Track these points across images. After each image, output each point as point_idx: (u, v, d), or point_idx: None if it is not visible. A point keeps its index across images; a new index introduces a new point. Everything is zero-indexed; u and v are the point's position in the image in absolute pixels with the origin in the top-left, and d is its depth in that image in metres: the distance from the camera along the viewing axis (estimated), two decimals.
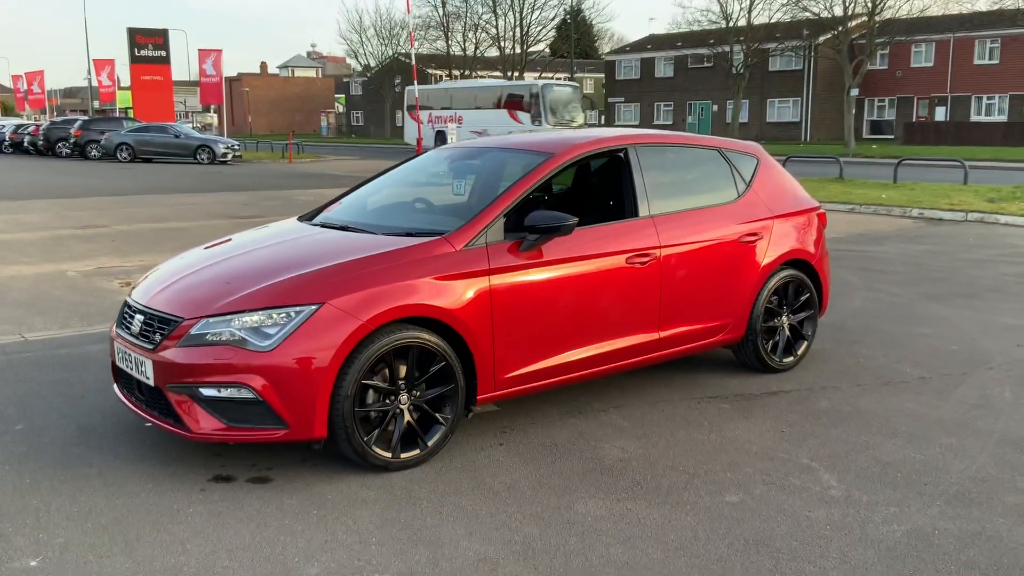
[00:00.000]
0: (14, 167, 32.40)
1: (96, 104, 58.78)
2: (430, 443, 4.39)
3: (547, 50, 71.25)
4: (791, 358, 6.04)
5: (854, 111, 41.21)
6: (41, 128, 40.43)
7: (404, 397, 4.31)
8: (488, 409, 5.15)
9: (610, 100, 66.11)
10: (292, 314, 4.06)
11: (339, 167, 33.24)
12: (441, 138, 41.79)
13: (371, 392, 4.22)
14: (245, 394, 4.00)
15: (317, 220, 5.41)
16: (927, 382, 5.84)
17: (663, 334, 5.29)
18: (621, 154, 5.39)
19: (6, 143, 42.93)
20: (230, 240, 5.35)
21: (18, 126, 43.50)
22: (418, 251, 4.46)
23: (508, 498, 4.04)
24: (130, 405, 4.51)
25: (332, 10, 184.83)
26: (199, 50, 43.19)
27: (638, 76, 63.52)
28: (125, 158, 34.67)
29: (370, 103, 77.20)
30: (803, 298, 6.08)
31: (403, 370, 4.30)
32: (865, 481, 4.24)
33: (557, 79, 53.13)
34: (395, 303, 4.19)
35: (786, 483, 4.22)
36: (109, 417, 5.07)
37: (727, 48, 49.13)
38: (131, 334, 4.45)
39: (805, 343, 6.14)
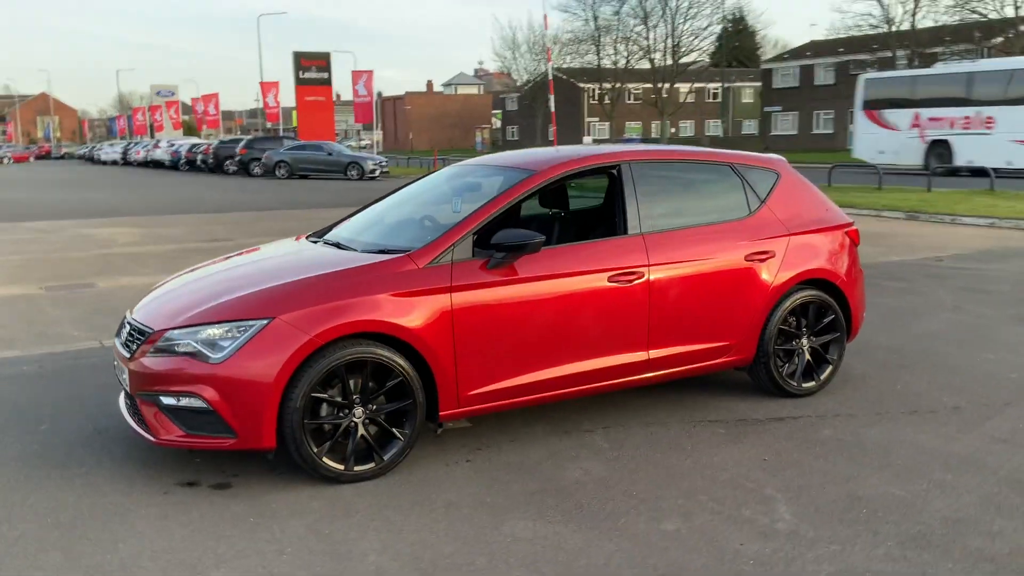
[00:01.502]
0: (181, 183, 34.98)
1: (269, 124, 62.38)
2: (386, 457, 4.48)
3: (706, 59, 70.07)
4: (812, 383, 5.74)
5: None
6: (212, 147, 43.39)
7: (359, 411, 4.42)
8: (461, 425, 5.19)
9: (766, 109, 64.27)
10: (244, 328, 4.25)
11: None
12: (940, 153, 28.66)
13: (325, 405, 4.36)
14: (198, 403, 4.23)
15: (320, 237, 5.61)
16: (958, 412, 5.42)
17: (653, 354, 5.16)
18: (614, 171, 5.31)
19: (182, 161, 46.40)
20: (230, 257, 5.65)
21: (193, 145, 46.90)
22: (379, 268, 4.56)
23: (443, 516, 4.07)
24: (123, 410, 4.83)
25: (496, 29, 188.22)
26: (352, 72, 45.32)
27: (797, 84, 61.42)
28: (283, 175, 36.67)
29: (524, 118, 78.32)
30: (827, 320, 5.77)
31: (358, 384, 4.41)
32: (823, 516, 4.00)
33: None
34: (346, 319, 4.31)
35: (735, 514, 4.04)
36: (124, 421, 5.43)
37: (890, 53, 46.79)
38: (121, 344, 4.78)
39: (829, 367, 5.81)
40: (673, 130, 76.66)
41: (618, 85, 63.89)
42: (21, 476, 4.59)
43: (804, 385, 5.71)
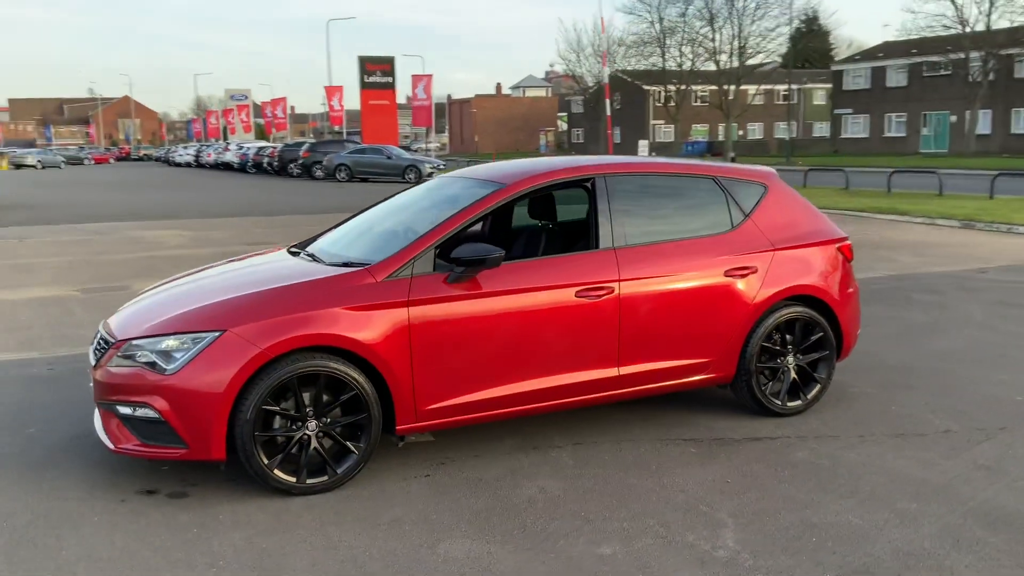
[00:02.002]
0: (244, 185, 35.72)
1: (335, 128, 63.33)
2: (339, 471, 4.49)
3: (777, 59, 68.91)
4: (798, 402, 5.58)
5: None
6: (277, 150, 44.26)
7: (312, 424, 4.43)
8: (424, 439, 5.17)
9: (837, 111, 62.96)
10: (197, 340, 4.31)
11: None
12: None
13: (277, 417, 4.39)
14: (150, 413, 4.30)
15: (302, 248, 5.64)
16: (948, 436, 5.21)
17: (624, 371, 5.07)
18: (588, 184, 5.24)
19: (250, 164, 47.43)
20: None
21: (260, 148, 47.90)
22: (336, 281, 4.58)
23: (383, 533, 4.05)
24: (96, 417, 4.93)
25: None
26: (412, 76, 45.86)
27: (868, 86, 60.05)
28: (343, 178, 37.19)
29: (589, 121, 78.02)
30: (814, 338, 5.60)
31: (312, 398, 4.43)
32: (769, 544, 3.88)
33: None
34: (298, 332, 4.33)
35: (678, 538, 3.95)
36: None
37: (963, 55, 45.37)
38: (91, 352, 4.89)
39: (817, 386, 5.64)
40: (741, 133, 75.56)
41: (683, 87, 63.23)
42: (21, 468, 4.72)
43: (789, 404, 5.56)
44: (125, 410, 4.38)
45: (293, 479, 4.41)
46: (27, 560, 3.80)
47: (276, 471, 4.37)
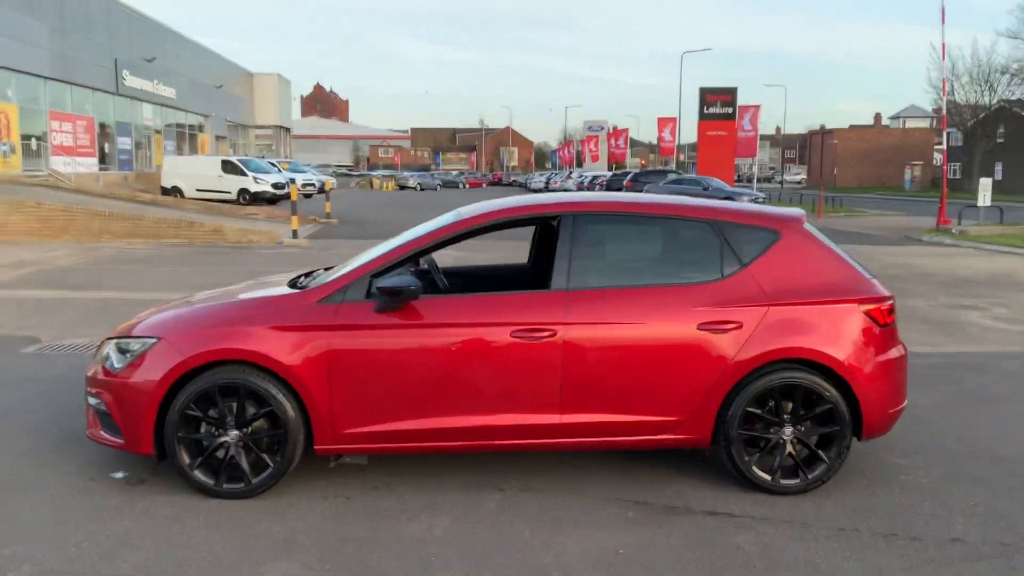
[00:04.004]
0: None
1: (667, 158, 63.70)
2: (254, 481, 4.75)
3: None
4: (795, 480, 4.88)
5: None
6: (606, 179, 45.66)
7: (233, 433, 4.76)
8: (358, 462, 5.25)
9: None
10: (142, 344, 4.83)
11: (862, 224, 31.41)
12: None
13: (204, 424, 4.77)
14: (102, 406, 4.88)
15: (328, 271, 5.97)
16: (947, 546, 4.28)
17: (566, 419, 4.79)
18: (555, 222, 5.03)
19: (584, 189, 49.44)
20: None
21: (594, 176, 49.77)
22: (271, 302, 4.89)
23: (237, 544, 4.23)
24: None
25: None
26: (739, 107, 44.85)
27: None
28: None
29: (967, 154, 70.59)
30: (820, 410, 4.85)
31: (236, 408, 4.75)
32: None
33: None
34: (220, 345, 4.68)
35: None
36: None
37: None
38: None
39: (823, 466, 4.88)
40: None
41: None
42: (47, 445, 5.59)
43: (783, 482, 4.87)
44: (92, 400, 5.02)
45: (212, 482, 4.75)
46: None
47: (196, 472, 4.74)
